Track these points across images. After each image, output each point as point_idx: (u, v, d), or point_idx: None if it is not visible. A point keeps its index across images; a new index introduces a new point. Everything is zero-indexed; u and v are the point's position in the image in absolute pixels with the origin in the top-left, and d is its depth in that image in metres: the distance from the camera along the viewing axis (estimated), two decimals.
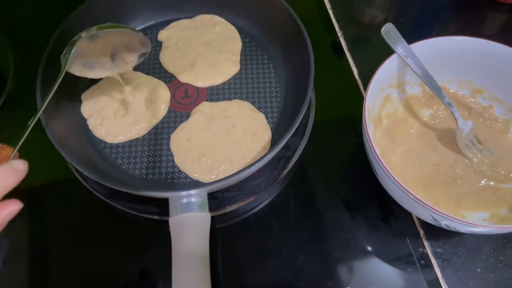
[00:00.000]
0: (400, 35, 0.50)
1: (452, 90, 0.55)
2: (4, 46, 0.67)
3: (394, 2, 0.74)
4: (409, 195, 0.42)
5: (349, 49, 0.65)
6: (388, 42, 0.49)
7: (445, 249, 0.50)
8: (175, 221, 0.46)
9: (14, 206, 0.33)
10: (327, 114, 0.60)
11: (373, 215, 0.53)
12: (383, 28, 0.50)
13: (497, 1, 0.71)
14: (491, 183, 0.50)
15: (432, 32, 0.70)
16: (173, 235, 0.46)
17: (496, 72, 0.52)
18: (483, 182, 0.50)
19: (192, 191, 0.47)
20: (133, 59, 0.55)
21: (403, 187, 0.41)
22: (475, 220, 0.48)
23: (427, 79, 0.50)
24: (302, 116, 0.50)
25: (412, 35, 0.67)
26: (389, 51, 0.50)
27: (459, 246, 0.50)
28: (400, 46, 0.49)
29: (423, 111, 0.56)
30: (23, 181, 0.36)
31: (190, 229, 0.46)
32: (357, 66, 0.64)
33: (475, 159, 0.51)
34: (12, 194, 0.35)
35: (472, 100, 0.55)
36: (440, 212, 0.40)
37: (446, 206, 0.49)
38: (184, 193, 0.47)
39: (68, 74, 0.58)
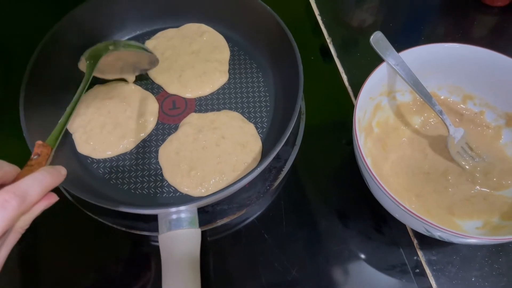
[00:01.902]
0: (389, 43, 0.49)
1: (442, 97, 0.55)
2: None
3: (382, 6, 0.74)
4: (400, 206, 0.41)
5: (338, 55, 0.65)
6: (377, 51, 0.49)
7: (439, 258, 0.50)
8: (165, 238, 0.45)
9: (53, 199, 0.35)
10: (317, 121, 0.60)
11: (366, 225, 0.53)
12: (372, 37, 0.49)
13: (486, 4, 0.70)
14: (483, 190, 0.50)
15: (421, 36, 0.70)
16: (163, 252, 0.45)
17: (486, 78, 0.52)
18: (475, 189, 0.50)
19: (182, 207, 0.46)
20: (136, 73, 0.59)
21: (395, 199, 0.41)
22: (468, 229, 0.47)
23: (417, 87, 0.49)
24: (292, 126, 0.49)
25: (401, 39, 0.67)
26: (379, 57, 0.50)
27: (453, 255, 0.50)
28: (389, 54, 0.49)
29: (414, 118, 0.55)
30: None
31: (180, 245, 0.45)
32: (346, 73, 0.63)
33: (467, 167, 0.51)
34: None
35: (463, 106, 0.55)
36: (433, 224, 0.40)
37: (438, 214, 0.49)
38: (173, 209, 0.46)
39: (54, 86, 0.58)
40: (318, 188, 0.55)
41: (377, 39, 0.49)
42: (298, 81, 0.52)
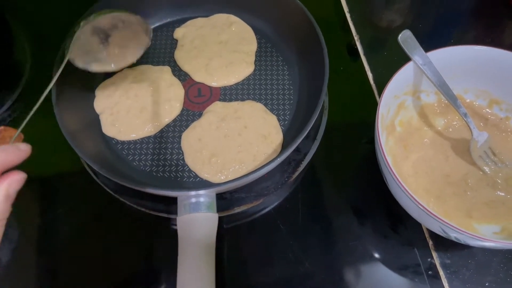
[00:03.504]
0: (417, 42, 0.49)
1: (468, 100, 0.54)
2: (21, 38, 0.68)
3: (412, 7, 0.73)
4: (419, 205, 0.41)
5: (365, 53, 0.65)
6: (405, 49, 0.49)
7: (453, 261, 0.50)
8: (183, 220, 0.46)
9: (16, 176, 0.34)
10: (340, 118, 0.60)
11: (382, 223, 0.53)
12: (400, 35, 0.49)
13: None
14: (503, 196, 0.49)
15: (451, 39, 0.69)
16: (181, 234, 0.46)
17: None
18: (495, 194, 0.49)
19: (201, 191, 0.47)
20: (141, 52, 0.55)
21: (414, 198, 0.41)
22: (485, 233, 0.47)
23: (443, 88, 0.49)
24: (314, 121, 0.50)
25: (429, 41, 0.66)
26: (406, 57, 0.50)
27: (468, 259, 0.50)
28: (417, 54, 0.49)
29: (437, 120, 0.55)
30: (34, 171, 0.36)
31: (197, 229, 0.46)
32: (372, 71, 0.63)
33: (488, 171, 0.51)
34: (24, 185, 0.35)
35: (489, 111, 0.54)
36: (450, 225, 0.40)
37: (456, 217, 0.49)
38: (193, 192, 0.47)
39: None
40: (336, 183, 0.55)
41: (406, 38, 0.49)
42: (323, 76, 0.53)
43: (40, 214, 0.54)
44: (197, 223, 0.46)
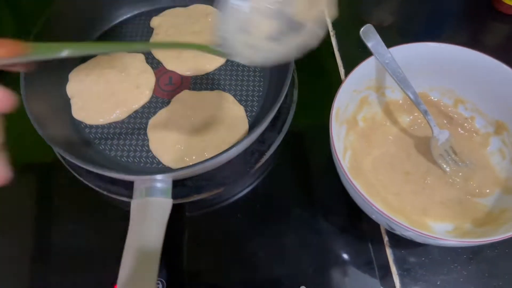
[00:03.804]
0: (379, 37, 0.49)
1: (434, 98, 0.54)
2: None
3: (398, 7, 0.73)
4: (365, 200, 0.41)
5: (339, 49, 0.64)
6: (366, 42, 0.49)
7: (407, 258, 0.49)
8: (137, 204, 0.47)
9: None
10: (308, 113, 0.60)
11: (340, 218, 0.53)
12: (362, 29, 0.49)
13: (502, 12, 0.68)
14: (461, 195, 0.49)
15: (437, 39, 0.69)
16: (133, 217, 0.46)
17: (479, 84, 0.51)
18: (453, 194, 0.49)
19: (158, 176, 0.47)
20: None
21: (360, 193, 0.41)
22: (438, 231, 0.47)
23: (404, 84, 0.49)
24: (276, 110, 0.50)
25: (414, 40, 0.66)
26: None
27: (422, 257, 0.49)
28: (377, 48, 0.48)
29: (402, 117, 0.55)
30: None
31: (150, 213, 0.46)
32: (344, 67, 0.63)
33: (448, 170, 0.50)
34: None
35: (454, 110, 0.54)
36: (395, 220, 0.40)
37: (412, 214, 0.49)
38: (149, 177, 0.47)
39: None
40: (298, 177, 0.55)
41: (367, 31, 0.49)
42: (289, 66, 0.53)
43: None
44: (150, 207, 0.46)
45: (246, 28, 0.35)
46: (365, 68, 0.49)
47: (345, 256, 0.50)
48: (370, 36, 0.49)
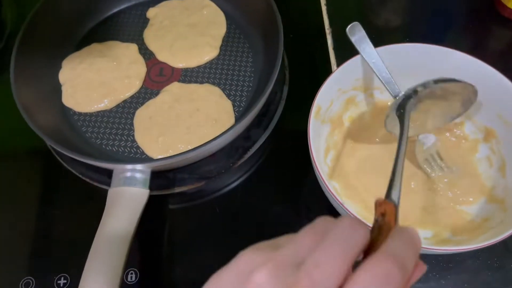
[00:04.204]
0: (366, 35, 0.48)
1: None
2: None
3: (404, 8, 0.71)
4: (335, 199, 0.40)
5: (333, 48, 0.63)
6: (353, 41, 0.48)
7: None
8: (114, 192, 0.47)
9: (423, 269, 0.25)
10: (297, 111, 0.59)
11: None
12: (349, 27, 0.48)
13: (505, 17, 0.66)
14: (444, 202, 0.48)
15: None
16: (108, 205, 0.46)
17: None
18: (435, 199, 0.48)
19: (137, 166, 0.47)
20: (447, 121, 0.49)
21: (331, 192, 0.40)
22: None
23: (389, 85, 0.47)
24: (261, 105, 0.50)
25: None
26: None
27: None
28: (363, 46, 0.47)
29: None
30: None
31: (126, 202, 0.46)
32: (338, 66, 0.62)
33: (433, 175, 0.49)
34: None
35: None
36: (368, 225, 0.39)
37: None
38: (128, 166, 0.48)
39: (53, 38, 0.61)
40: (281, 175, 0.54)
41: (354, 30, 0.48)
42: (275, 62, 0.52)
43: None
44: (126, 197, 0.47)
45: None
46: (350, 67, 0.48)
47: None
48: (356, 33, 0.48)
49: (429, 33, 0.69)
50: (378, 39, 0.49)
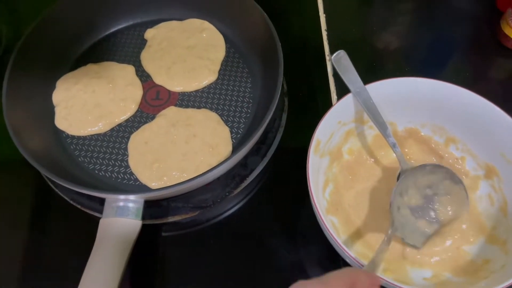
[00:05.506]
0: (352, 65, 0.47)
1: (425, 135, 0.52)
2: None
3: (406, 34, 0.71)
4: (332, 238, 0.39)
5: (333, 75, 0.62)
6: (338, 71, 0.47)
7: None
8: (105, 222, 0.46)
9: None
10: (296, 138, 0.58)
11: (318, 252, 0.50)
12: (333, 55, 0.47)
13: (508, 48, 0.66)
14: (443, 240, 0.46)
15: (443, 69, 0.67)
16: (99, 236, 0.45)
17: (472, 124, 0.48)
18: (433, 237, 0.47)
19: (130, 196, 0.46)
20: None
21: (328, 230, 0.39)
22: (415, 277, 0.44)
23: (374, 115, 0.47)
24: (259, 134, 0.49)
25: (423, 69, 0.65)
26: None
27: None
28: (348, 77, 0.47)
29: (390, 151, 0.52)
30: None
31: (118, 233, 0.45)
32: (337, 94, 0.61)
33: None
34: None
35: (445, 149, 0.51)
36: (359, 263, 0.38)
37: (391, 257, 0.46)
38: (121, 196, 0.46)
39: (48, 58, 0.60)
40: (279, 206, 0.53)
41: (339, 59, 0.47)
42: (275, 90, 0.51)
43: None
44: (119, 228, 0.45)
45: None
46: (352, 100, 0.47)
47: None
48: (342, 63, 0.47)
49: (431, 61, 0.69)
50: (379, 66, 0.48)
